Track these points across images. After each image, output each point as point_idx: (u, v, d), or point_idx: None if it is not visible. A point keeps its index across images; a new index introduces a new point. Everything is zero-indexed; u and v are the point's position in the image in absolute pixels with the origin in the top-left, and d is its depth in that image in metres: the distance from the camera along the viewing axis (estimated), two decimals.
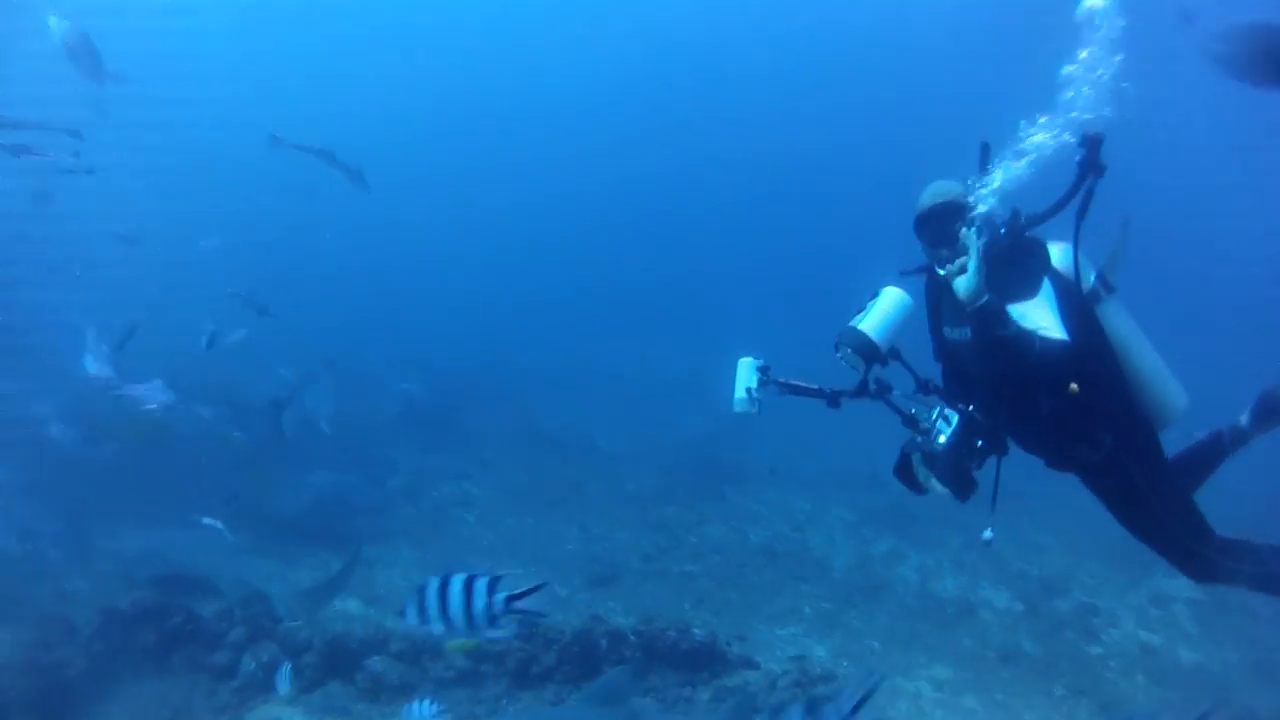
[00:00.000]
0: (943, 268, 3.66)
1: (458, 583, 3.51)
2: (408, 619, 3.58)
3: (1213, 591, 7.62)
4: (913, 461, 3.68)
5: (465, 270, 29.01)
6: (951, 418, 3.61)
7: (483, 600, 3.48)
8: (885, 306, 3.68)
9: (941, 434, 3.58)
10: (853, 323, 3.66)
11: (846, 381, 3.78)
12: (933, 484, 3.62)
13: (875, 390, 3.76)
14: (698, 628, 7.75)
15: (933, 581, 10.09)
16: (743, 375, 3.76)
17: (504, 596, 3.50)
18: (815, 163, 35.54)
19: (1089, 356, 3.54)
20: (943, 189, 3.83)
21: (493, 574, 3.54)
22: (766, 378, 3.76)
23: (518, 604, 3.51)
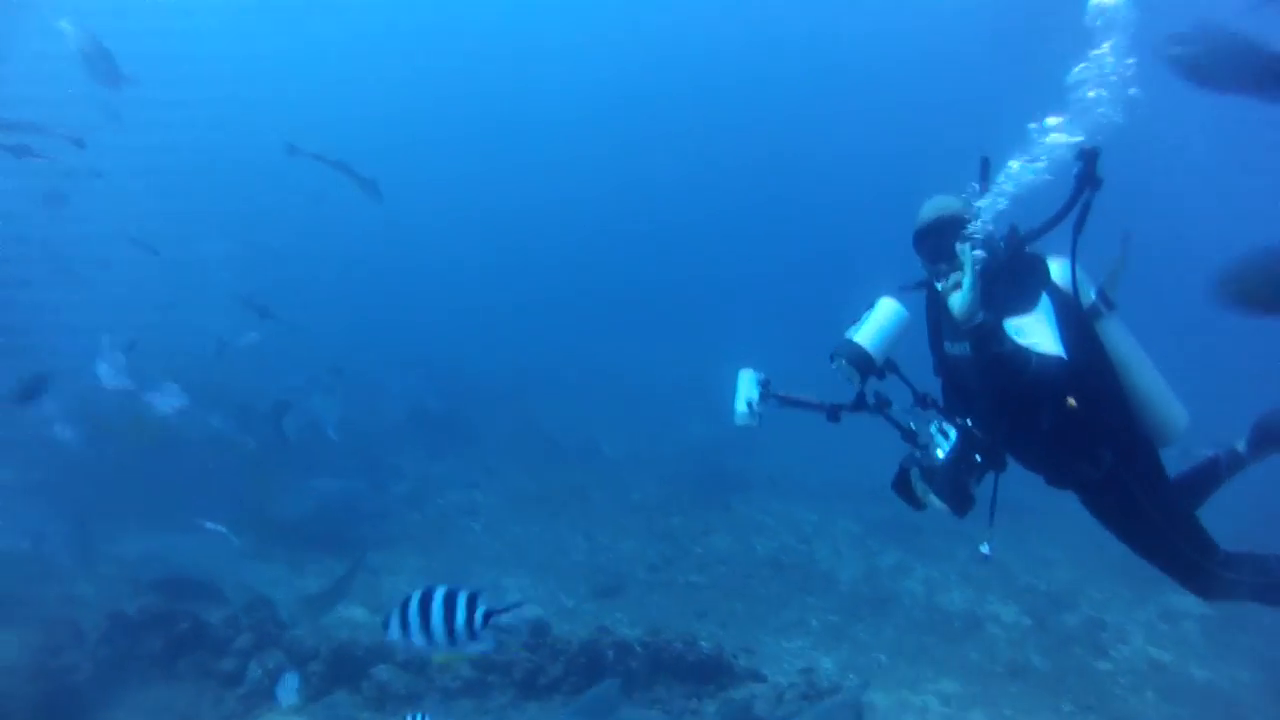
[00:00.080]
0: (940, 283, 3.64)
1: (439, 597, 3.58)
2: (390, 633, 3.66)
3: (1223, 608, 7.57)
4: (911, 476, 3.66)
5: (471, 275, 29.09)
6: (950, 433, 3.60)
7: (463, 615, 3.56)
8: (880, 318, 3.66)
9: (940, 449, 3.58)
10: (848, 334, 3.65)
11: (848, 394, 3.77)
12: (931, 499, 3.60)
13: (874, 404, 3.75)
14: (704, 639, 7.76)
15: (940, 595, 10.04)
16: (743, 388, 3.75)
17: (484, 611, 3.57)
18: (824, 170, 35.59)
19: (1087, 372, 3.51)
20: (941, 204, 3.82)
21: (474, 589, 3.62)
22: (767, 391, 3.75)
23: (498, 619, 3.59)
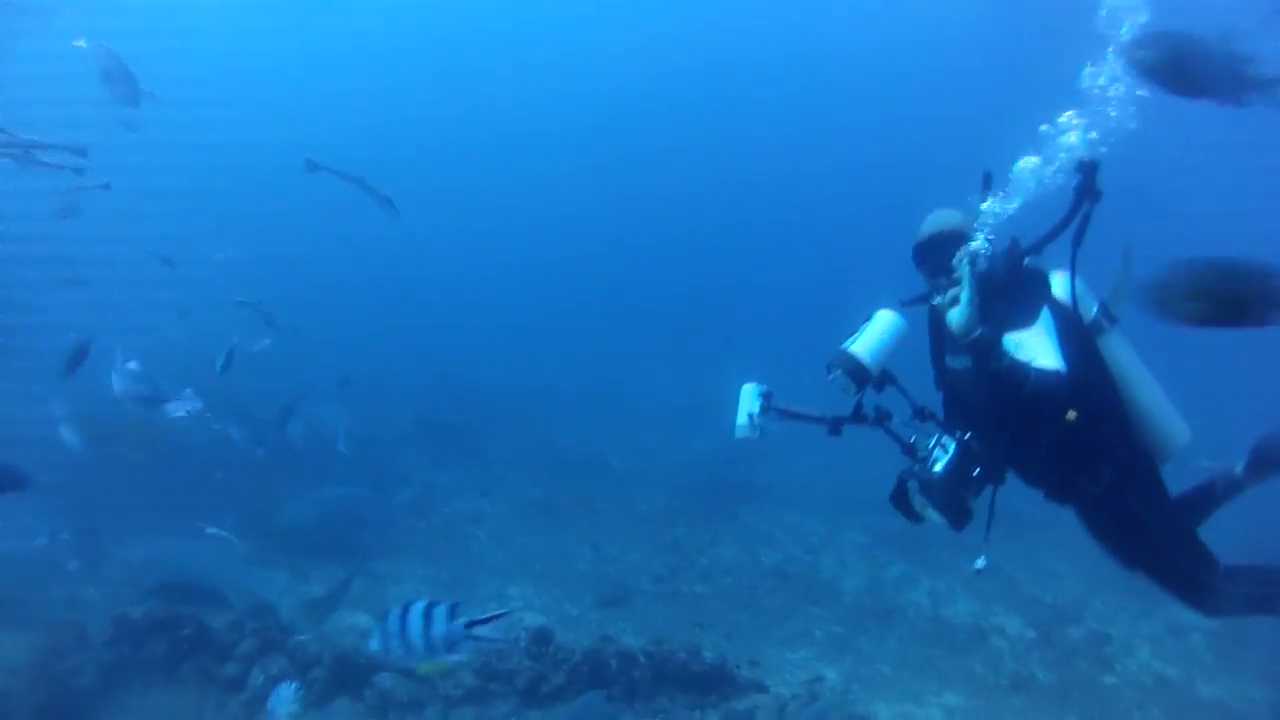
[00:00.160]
0: (938, 298, 3.65)
1: (418, 609, 3.68)
2: (373, 645, 3.74)
3: (1231, 623, 7.51)
4: (909, 489, 3.67)
5: (479, 287, 29.16)
6: (949, 446, 3.61)
7: (442, 626, 3.64)
8: (877, 329, 3.67)
9: (938, 462, 3.58)
10: (844, 345, 3.66)
11: (849, 408, 3.78)
12: (929, 513, 3.61)
13: (875, 417, 3.76)
14: (708, 650, 7.73)
15: (944, 607, 10.00)
16: (745, 401, 3.76)
17: (462, 623, 3.66)
18: (831, 182, 35.61)
19: (1087, 387, 3.50)
20: (942, 218, 3.82)
21: (452, 601, 3.72)
22: (768, 404, 3.76)
23: (477, 630, 3.68)
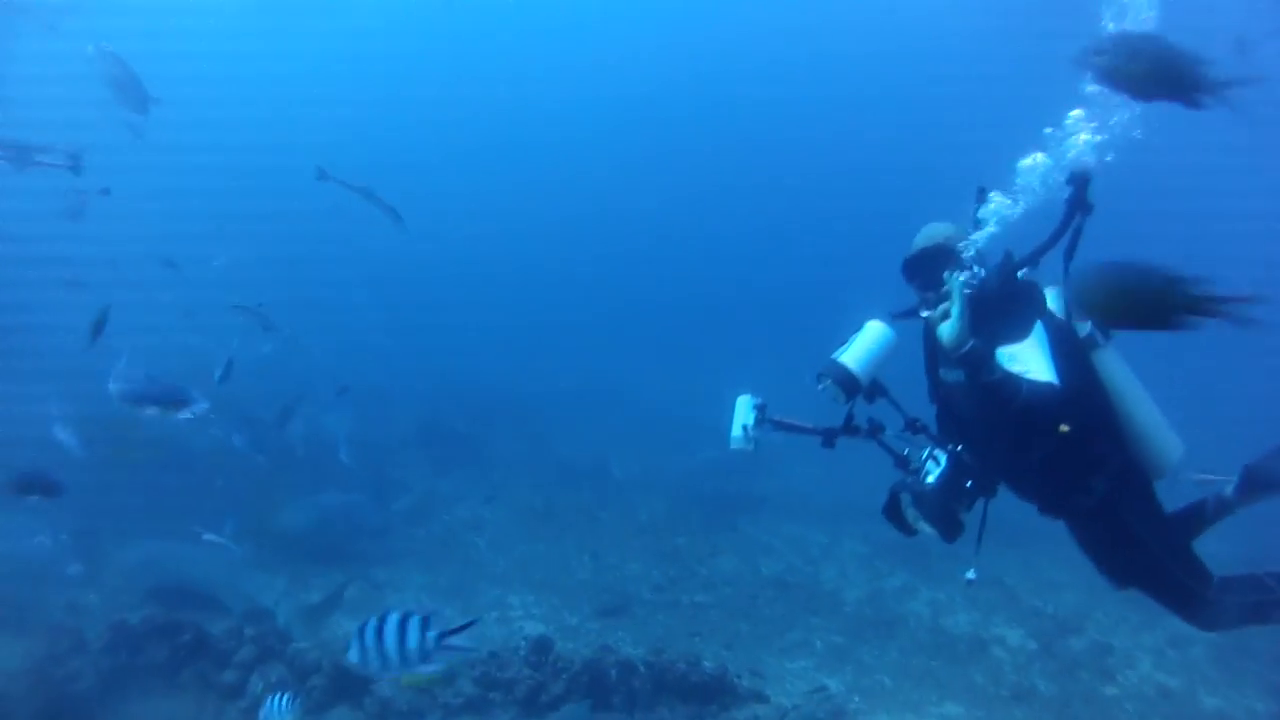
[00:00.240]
0: (928, 312, 3.66)
1: (393, 621, 3.76)
2: (351, 657, 3.82)
3: (1235, 635, 7.47)
4: (901, 502, 3.68)
5: (482, 294, 29.18)
6: (941, 458, 3.62)
7: (416, 639, 3.72)
8: (867, 340, 3.70)
9: (930, 474, 3.59)
10: (834, 355, 3.69)
11: (842, 419, 3.80)
12: (921, 525, 3.62)
13: (868, 430, 3.79)
14: (708, 659, 7.71)
15: (945, 617, 9.96)
16: (740, 413, 3.79)
17: (435, 634, 3.74)
18: (834, 194, 35.61)
19: (1080, 400, 3.50)
20: (934, 231, 3.83)
21: (426, 613, 3.81)
22: (763, 416, 3.79)
23: (450, 640, 3.77)
